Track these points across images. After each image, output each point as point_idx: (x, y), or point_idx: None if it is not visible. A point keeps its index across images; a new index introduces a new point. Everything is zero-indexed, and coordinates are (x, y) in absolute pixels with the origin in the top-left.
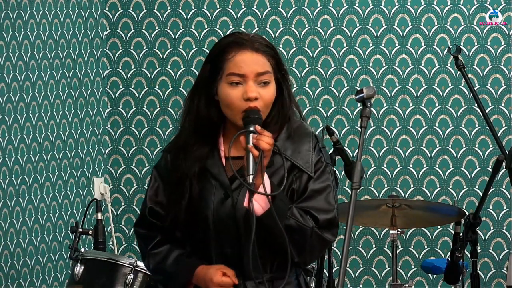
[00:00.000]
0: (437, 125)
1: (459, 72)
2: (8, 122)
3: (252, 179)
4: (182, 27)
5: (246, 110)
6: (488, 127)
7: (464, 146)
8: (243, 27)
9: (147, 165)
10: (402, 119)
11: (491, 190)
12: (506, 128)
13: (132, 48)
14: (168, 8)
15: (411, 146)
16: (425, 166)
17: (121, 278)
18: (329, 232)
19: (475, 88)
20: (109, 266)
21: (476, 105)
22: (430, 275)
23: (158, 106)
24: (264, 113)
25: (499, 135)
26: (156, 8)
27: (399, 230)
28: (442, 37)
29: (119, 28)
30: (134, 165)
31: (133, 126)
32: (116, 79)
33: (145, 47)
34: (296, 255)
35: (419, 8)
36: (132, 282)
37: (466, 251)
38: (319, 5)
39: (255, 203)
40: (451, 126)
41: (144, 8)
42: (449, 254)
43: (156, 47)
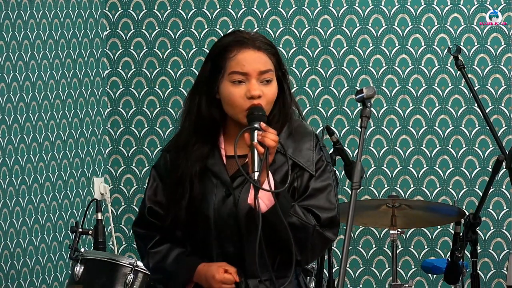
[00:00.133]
0: (437, 125)
1: (459, 72)
2: (8, 122)
3: (257, 175)
4: (182, 27)
5: (250, 107)
6: (488, 127)
7: (464, 146)
8: (243, 27)
9: (147, 165)
10: (402, 119)
11: (491, 190)
12: (506, 128)
13: (132, 48)
14: (168, 8)
15: (411, 146)
16: (425, 166)
17: (121, 278)
18: (330, 231)
19: (475, 88)
20: (109, 266)
21: (476, 105)
22: (430, 275)
23: (158, 106)
24: (267, 111)
25: (499, 135)
26: (156, 8)
27: (399, 230)
28: (442, 37)
29: (119, 28)
30: (134, 165)
31: (133, 126)
32: (116, 79)
33: (145, 47)
34: (298, 253)
35: (419, 8)
36: (132, 282)
37: (466, 251)
38: (319, 5)
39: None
40: (451, 126)
41: (144, 8)
42: (449, 254)
43: (156, 47)
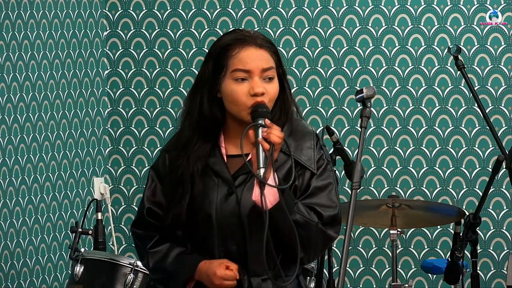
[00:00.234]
0: (437, 125)
1: (459, 72)
2: (8, 122)
3: (263, 172)
4: (182, 27)
5: (254, 104)
6: (488, 127)
7: (464, 146)
8: (243, 27)
9: (147, 165)
10: (402, 119)
11: (491, 190)
12: (506, 128)
13: (132, 48)
14: (168, 8)
15: (411, 146)
16: (425, 166)
17: (121, 278)
18: (332, 229)
19: (475, 88)
20: (109, 266)
21: (476, 105)
22: (430, 275)
23: (158, 106)
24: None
25: (499, 135)
26: (156, 8)
27: (399, 230)
28: (442, 37)
29: (119, 28)
30: (134, 165)
31: (133, 126)
32: (116, 79)
33: (145, 47)
34: (301, 251)
35: (419, 8)
36: (132, 282)
37: (466, 251)
38: (319, 5)
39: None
40: (451, 126)
41: (144, 8)
42: (449, 254)
43: (156, 47)
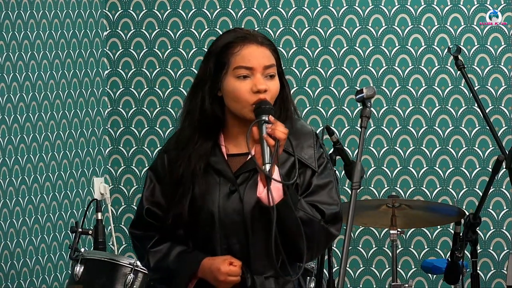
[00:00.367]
0: (437, 125)
1: (459, 72)
2: (8, 122)
3: (269, 167)
4: (182, 27)
5: (257, 101)
6: (488, 127)
7: (464, 146)
8: (243, 27)
9: (147, 165)
10: (402, 119)
11: (491, 190)
12: (506, 128)
13: (132, 48)
14: (168, 8)
15: (411, 146)
16: (425, 166)
17: (121, 278)
18: (333, 226)
19: (475, 88)
20: (109, 266)
21: (476, 105)
22: (430, 275)
23: (158, 106)
24: None
25: (499, 135)
26: (156, 8)
27: (399, 230)
28: (442, 37)
29: (119, 28)
30: (134, 165)
31: (133, 126)
32: (116, 79)
33: (145, 47)
34: (304, 248)
35: (419, 8)
36: (132, 282)
37: (466, 251)
38: (319, 5)
39: (265, 194)
40: (451, 126)
41: (144, 8)
42: (449, 254)
43: (156, 47)
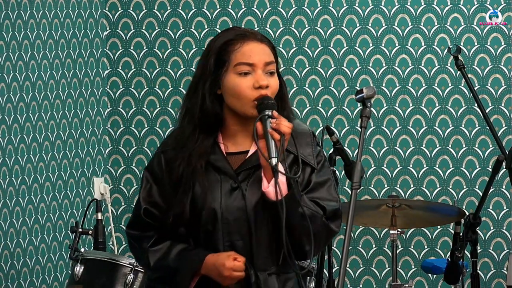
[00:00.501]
0: (437, 125)
1: (459, 72)
2: (8, 122)
3: (275, 161)
4: (182, 27)
5: (259, 97)
6: (488, 127)
7: (464, 146)
8: (243, 27)
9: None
10: (402, 119)
11: (491, 190)
12: (506, 128)
13: (132, 48)
14: (168, 8)
15: (411, 146)
16: (425, 166)
17: (121, 278)
18: (333, 223)
19: (475, 88)
20: (109, 266)
21: (476, 105)
22: (430, 275)
23: (158, 106)
24: None
25: (499, 135)
26: (156, 8)
27: (399, 230)
28: (442, 37)
29: (119, 28)
30: (134, 165)
31: (133, 126)
32: (116, 79)
33: (145, 47)
34: (307, 244)
35: (419, 8)
36: (132, 282)
37: (466, 251)
38: (319, 5)
39: (271, 189)
40: (451, 126)
41: (144, 8)
42: (449, 254)
43: (156, 47)
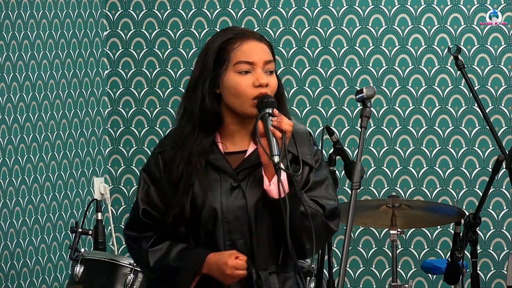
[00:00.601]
0: (437, 125)
1: (459, 72)
2: (8, 122)
3: (278, 159)
4: (182, 27)
5: (259, 96)
6: (488, 127)
7: (464, 146)
8: (243, 27)
9: None
10: (402, 119)
11: (491, 190)
12: (506, 128)
13: (132, 48)
14: (168, 8)
15: (411, 146)
16: (425, 166)
17: (121, 278)
18: (332, 222)
19: (475, 88)
20: (109, 266)
21: (476, 105)
22: (430, 275)
23: (158, 106)
24: None
25: (499, 135)
26: (156, 8)
27: (399, 230)
28: (442, 37)
29: (119, 28)
30: (134, 165)
31: (133, 126)
32: (116, 79)
33: (145, 47)
34: (307, 242)
35: (419, 8)
36: (132, 282)
37: (466, 251)
38: (319, 5)
39: (273, 187)
40: (451, 126)
41: (144, 8)
42: (449, 254)
43: (156, 47)
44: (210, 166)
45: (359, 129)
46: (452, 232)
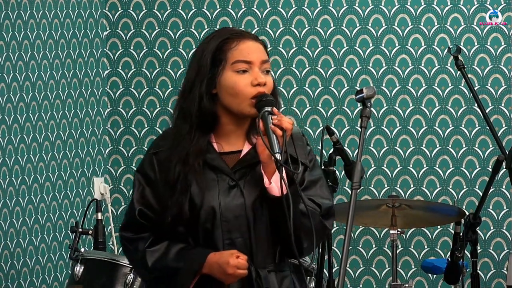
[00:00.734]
0: (437, 125)
1: (459, 72)
2: (8, 122)
3: (279, 156)
4: (182, 27)
5: (257, 94)
6: (488, 127)
7: (464, 146)
8: (243, 27)
9: None
10: (402, 119)
11: (491, 190)
12: (506, 128)
13: (132, 48)
14: (168, 8)
15: (411, 146)
16: (425, 166)
17: (121, 278)
18: (327, 220)
19: (475, 88)
20: (109, 266)
21: (476, 105)
22: (430, 275)
23: (158, 106)
24: None
25: (499, 135)
26: (156, 8)
27: (399, 230)
28: (442, 37)
29: (119, 28)
30: (134, 165)
31: (133, 126)
32: (116, 79)
33: (145, 47)
34: (304, 241)
35: (419, 8)
36: (132, 282)
37: (466, 251)
38: (319, 5)
39: (274, 184)
40: (451, 126)
41: (144, 8)
42: (449, 254)
43: (156, 47)
44: (207, 166)
45: (359, 129)
46: (452, 232)
